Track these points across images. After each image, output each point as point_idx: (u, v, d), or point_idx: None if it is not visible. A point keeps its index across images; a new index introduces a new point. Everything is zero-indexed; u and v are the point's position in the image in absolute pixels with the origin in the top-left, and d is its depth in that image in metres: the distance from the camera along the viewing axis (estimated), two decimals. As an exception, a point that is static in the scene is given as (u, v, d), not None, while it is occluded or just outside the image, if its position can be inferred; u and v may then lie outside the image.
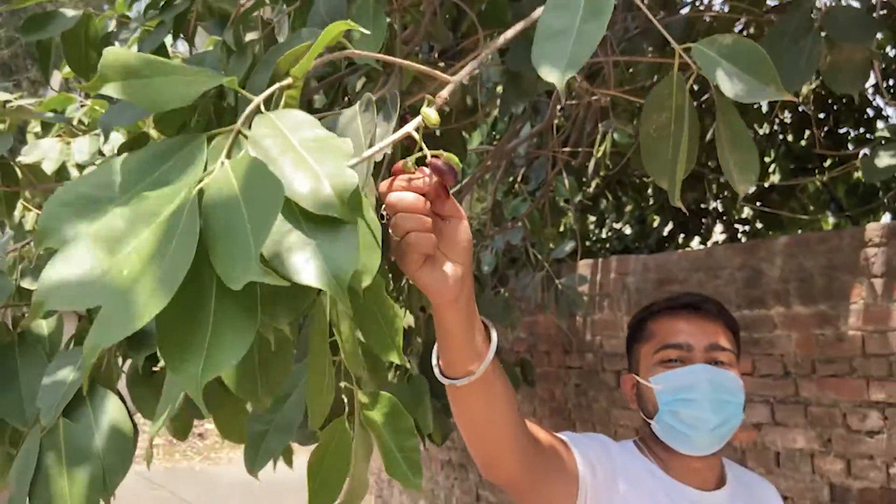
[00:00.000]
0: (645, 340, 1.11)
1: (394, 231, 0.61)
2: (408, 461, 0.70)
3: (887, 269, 2.18)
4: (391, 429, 0.71)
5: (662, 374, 1.05)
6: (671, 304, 1.11)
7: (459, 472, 4.08)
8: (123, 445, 0.89)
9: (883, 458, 2.17)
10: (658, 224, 5.56)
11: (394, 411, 0.72)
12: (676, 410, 1.03)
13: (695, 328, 1.06)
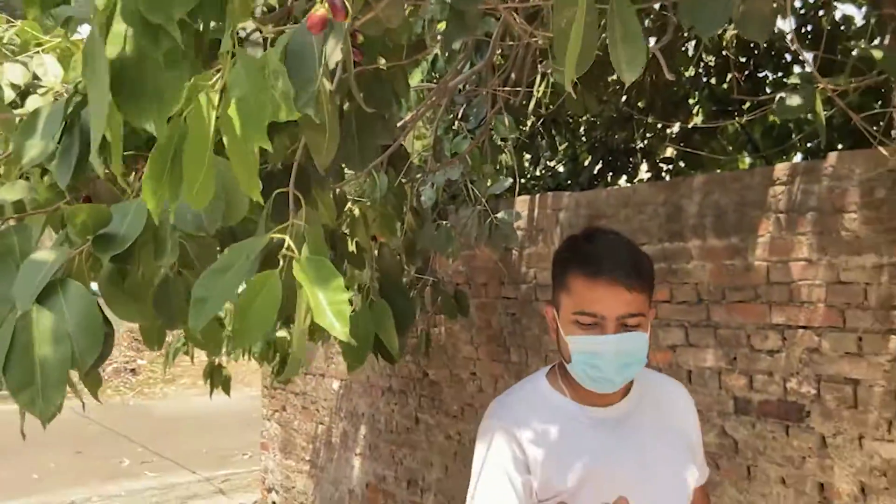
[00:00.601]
0: (565, 293, 1.20)
1: None
2: (336, 313, 0.80)
3: (791, 205, 2.42)
4: (323, 285, 0.81)
5: (576, 336, 1.17)
6: (594, 269, 1.16)
7: (399, 398, 4.28)
8: (94, 330, 0.97)
9: (781, 374, 2.45)
10: (589, 163, 5.77)
11: (326, 273, 0.82)
12: (585, 369, 1.18)
13: (611, 299, 1.15)
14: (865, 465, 2.23)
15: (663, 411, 1.29)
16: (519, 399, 1.26)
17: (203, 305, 0.89)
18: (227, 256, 0.93)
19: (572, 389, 1.23)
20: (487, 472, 1.19)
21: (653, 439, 1.24)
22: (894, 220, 2.17)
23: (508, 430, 1.20)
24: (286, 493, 5.47)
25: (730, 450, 2.59)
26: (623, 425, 1.23)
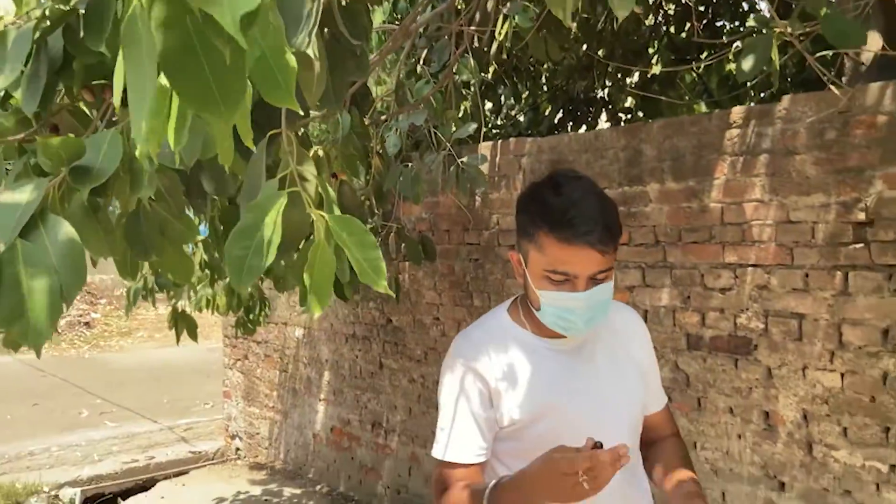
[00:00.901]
0: (535, 249, 1.20)
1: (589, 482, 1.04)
2: (374, 268, 0.84)
3: (746, 148, 2.50)
4: (360, 245, 0.85)
5: (548, 291, 1.20)
6: (568, 235, 1.15)
7: (363, 344, 4.34)
8: (77, 263, 0.98)
9: (731, 310, 2.57)
10: (550, 112, 5.79)
11: (358, 231, 0.85)
12: (555, 320, 1.22)
13: (585, 262, 1.16)
14: (808, 393, 2.38)
15: (618, 339, 1.34)
16: (480, 334, 1.30)
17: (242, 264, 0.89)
18: (251, 215, 0.93)
19: (533, 324, 1.28)
20: (453, 409, 1.24)
21: (607, 367, 1.30)
22: (843, 160, 2.27)
23: (471, 366, 1.25)
24: (250, 440, 5.53)
25: (682, 383, 2.72)
26: (580, 355, 1.29)
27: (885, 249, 2.19)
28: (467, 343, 1.30)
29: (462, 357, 1.27)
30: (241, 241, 0.84)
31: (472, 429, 1.23)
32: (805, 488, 2.40)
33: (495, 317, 1.34)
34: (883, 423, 2.22)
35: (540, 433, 1.22)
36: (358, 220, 0.84)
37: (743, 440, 2.56)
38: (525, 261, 1.24)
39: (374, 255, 0.84)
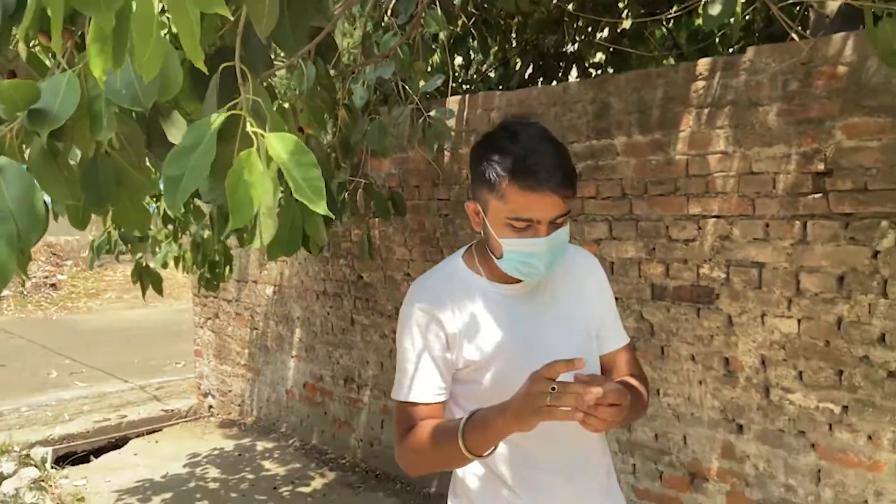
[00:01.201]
0: (496, 198, 1.21)
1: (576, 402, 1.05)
2: (311, 188, 0.83)
3: (712, 100, 2.52)
4: (295, 162, 0.84)
5: (510, 238, 1.22)
6: (530, 183, 1.17)
7: (334, 301, 4.35)
8: (35, 209, 0.97)
9: (694, 261, 2.63)
10: (520, 67, 5.75)
11: (297, 149, 0.84)
12: (517, 266, 1.24)
13: (547, 207, 1.18)
14: (766, 339, 2.46)
15: (571, 282, 1.36)
16: (435, 281, 1.33)
17: (177, 184, 0.88)
18: (192, 134, 0.93)
19: (488, 270, 1.31)
20: (412, 352, 1.28)
21: (560, 311, 1.32)
22: (805, 111, 2.30)
23: (427, 310, 1.28)
24: (223, 397, 5.55)
25: (646, 333, 2.79)
26: (533, 300, 1.31)
27: (843, 199, 2.25)
28: (422, 289, 1.32)
29: (418, 302, 1.29)
30: (178, 162, 0.84)
31: (433, 369, 1.27)
32: (762, 430, 2.50)
33: (450, 264, 1.36)
34: (836, 367, 2.31)
35: (494, 375, 1.27)
36: (295, 137, 0.83)
37: (704, 386, 2.64)
38: (485, 210, 1.25)
39: (314, 175, 0.82)
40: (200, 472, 4.32)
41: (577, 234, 2.97)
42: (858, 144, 2.21)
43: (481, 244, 1.33)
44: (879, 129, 2.16)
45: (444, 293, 1.30)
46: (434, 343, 1.27)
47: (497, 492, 1.31)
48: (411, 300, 1.31)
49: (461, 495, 1.36)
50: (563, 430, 1.19)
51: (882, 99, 2.15)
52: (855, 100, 2.20)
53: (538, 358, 1.21)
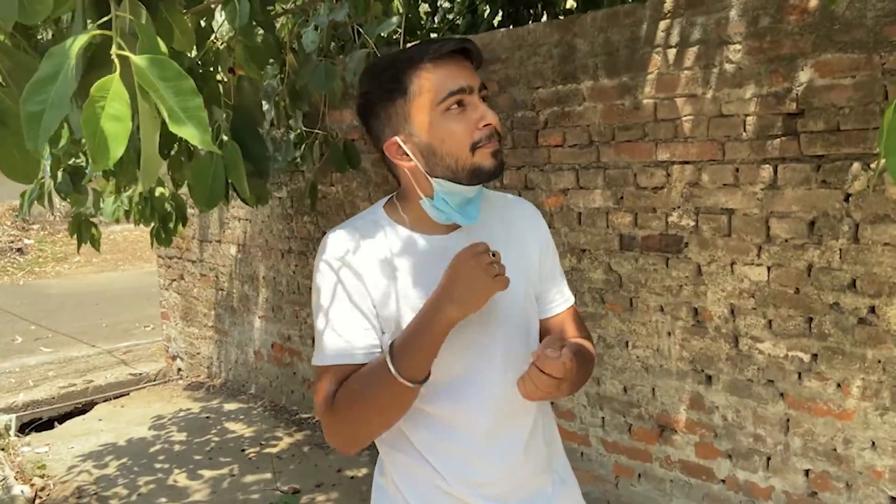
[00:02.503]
0: (416, 94, 1.07)
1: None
2: (193, 119, 0.70)
3: (681, 38, 2.40)
4: (172, 90, 0.71)
5: (444, 184, 1.08)
6: (437, 52, 1.07)
7: (299, 259, 4.23)
8: None
9: (663, 209, 2.54)
10: (489, 14, 5.55)
11: (173, 74, 0.70)
12: (448, 209, 1.10)
13: (465, 71, 1.08)
14: (735, 288, 2.39)
15: (510, 235, 1.21)
16: (352, 231, 1.14)
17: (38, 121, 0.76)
18: (50, 62, 0.79)
19: (413, 219, 1.14)
20: (333, 309, 1.09)
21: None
22: (776, 48, 2.19)
23: (346, 261, 1.11)
24: (191, 360, 5.44)
25: (615, 284, 2.71)
26: (457, 250, 1.11)
27: (814, 140, 2.16)
28: (338, 239, 1.13)
29: (335, 253, 1.12)
30: (36, 95, 0.71)
31: (359, 324, 1.09)
32: (730, 380, 2.45)
33: (370, 213, 1.18)
34: (806, 314, 2.25)
35: None
36: (174, 63, 0.70)
37: (672, 337, 2.58)
38: (407, 126, 1.09)
39: (194, 104, 0.69)
40: (165, 435, 4.24)
41: (544, 185, 2.87)
42: (831, 82, 2.11)
43: (403, 194, 1.17)
44: (853, 65, 2.06)
45: (360, 243, 1.12)
46: (356, 295, 1.10)
47: (421, 471, 1.15)
48: (325, 251, 1.13)
49: (386, 474, 1.22)
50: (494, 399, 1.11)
51: (856, 34, 2.04)
52: (828, 35, 2.09)
53: (479, 319, 1.09)
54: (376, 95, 1.11)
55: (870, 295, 2.11)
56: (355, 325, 1.10)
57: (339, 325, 1.09)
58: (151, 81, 0.68)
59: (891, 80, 1.98)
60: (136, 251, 11.76)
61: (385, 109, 1.10)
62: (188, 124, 0.68)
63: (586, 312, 2.81)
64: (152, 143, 0.73)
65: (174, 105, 0.68)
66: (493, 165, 1.10)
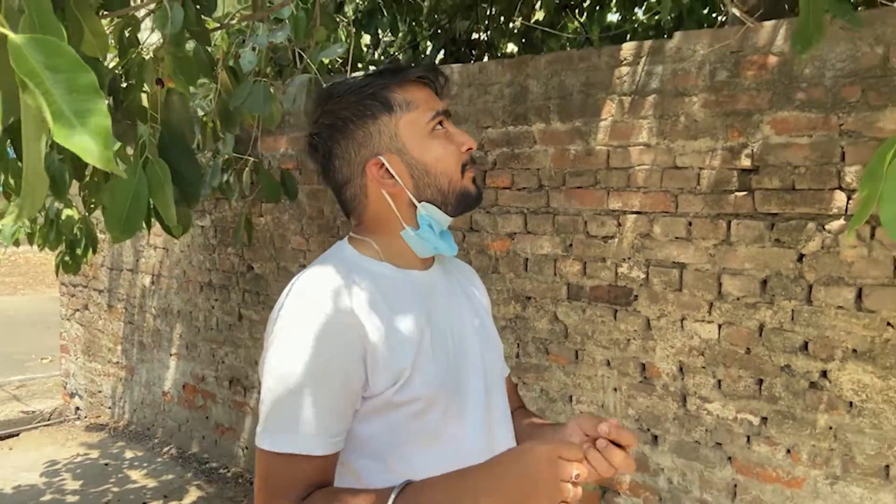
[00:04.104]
0: (403, 110, 0.97)
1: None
2: (90, 127, 0.48)
3: (637, 87, 2.34)
4: (64, 84, 0.51)
5: (430, 209, 0.98)
6: (420, 72, 1.00)
7: (221, 294, 3.94)
8: None
9: (613, 259, 2.45)
10: (430, 50, 5.50)
11: (68, 63, 0.50)
12: (431, 236, 0.99)
13: (437, 97, 1.02)
14: (685, 345, 2.31)
15: (464, 279, 1.14)
16: (335, 272, 0.94)
17: None
18: None
19: (392, 254, 1.00)
20: (305, 382, 0.87)
21: (466, 303, 1.08)
22: (733, 103, 2.16)
23: (344, 315, 0.89)
24: (91, 398, 4.98)
25: (560, 335, 2.59)
26: (439, 289, 1.04)
27: (769, 198, 2.12)
28: (324, 283, 0.92)
29: (324, 302, 0.89)
30: None
31: (334, 405, 0.89)
32: (677, 441, 2.35)
33: (338, 252, 1.01)
34: (756, 375, 2.18)
35: (422, 392, 0.92)
36: (68, 47, 0.50)
37: (618, 393, 2.47)
38: (396, 145, 0.97)
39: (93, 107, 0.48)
40: (58, 484, 3.80)
41: (490, 227, 2.74)
42: (787, 140, 2.08)
43: (373, 227, 1.01)
44: (810, 124, 2.04)
45: (350, 287, 0.92)
46: (348, 364, 0.89)
47: None
48: (311, 298, 0.90)
49: None
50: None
51: (813, 92, 2.03)
52: (785, 93, 2.07)
53: (471, 361, 1.00)
54: (353, 113, 0.98)
55: (822, 359, 2.06)
56: (331, 406, 0.88)
57: (312, 401, 0.87)
58: (33, 69, 0.48)
59: (849, 142, 1.97)
60: (39, 275, 10.97)
61: (364, 128, 0.98)
62: (81, 133, 0.48)
63: (529, 363, 2.67)
64: (36, 154, 0.53)
65: (64, 105, 0.48)
66: (476, 192, 1.03)
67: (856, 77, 1.95)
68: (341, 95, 0.99)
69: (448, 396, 0.95)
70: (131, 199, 1.16)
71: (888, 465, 1.97)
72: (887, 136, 1.89)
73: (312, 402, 0.87)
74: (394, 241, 1.00)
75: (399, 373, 0.91)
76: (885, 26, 1.90)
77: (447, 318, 1.01)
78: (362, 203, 1.00)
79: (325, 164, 1.02)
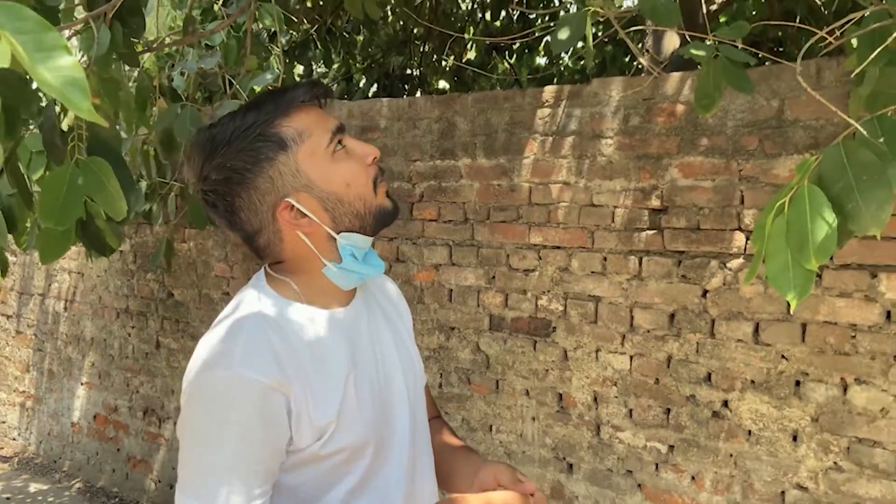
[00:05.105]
0: (297, 143, 0.92)
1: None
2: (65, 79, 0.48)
3: (556, 128, 2.46)
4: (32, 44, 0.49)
5: (350, 237, 0.95)
6: (306, 96, 0.94)
7: (138, 321, 3.82)
8: None
9: (533, 291, 2.53)
10: (364, 84, 5.58)
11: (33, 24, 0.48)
12: (356, 265, 0.97)
13: (326, 114, 0.98)
14: (599, 375, 2.40)
15: (391, 305, 1.13)
16: (254, 325, 0.89)
17: None
18: None
19: (312, 293, 0.96)
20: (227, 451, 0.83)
21: (388, 331, 1.06)
22: (644, 147, 2.30)
23: (266, 382, 0.84)
24: (-8, 431, 4.70)
25: (482, 365, 2.65)
26: (362, 324, 1.01)
27: (676, 236, 2.26)
28: (240, 345, 0.86)
29: (247, 369, 0.85)
30: None
31: (256, 468, 0.85)
32: (591, 469, 2.43)
33: (259, 300, 0.94)
34: (664, 405, 2.29)
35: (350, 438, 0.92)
36: (30, 11, 0.51)
37: (537, 422, 2.54)
38: (300, 182, 0.92)
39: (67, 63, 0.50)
40: (-51, 524, 3.56)
41: (416, 258, 2.79)
42: (693, 183, 2.23)
43: (292, 267, 0.97)
44: (713, 169, 2.19)
45: (277, 344, 0.88)
46: (271, 428, 0.86)
47: None
48: (230, 362, 0.85)
49: None
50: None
51: (716, 140, 2.18)
52: (691, 139, 2.23)
53: (396, 391, 1.00)
54: (246, 161, 0.90)
55: (723, 389, 2.19)
56: (256, 470, 0.86)
57: (243, 467, 0.85)
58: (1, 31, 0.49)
59: (747, 186, 2.13)
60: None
61: (263, 174, 0.91)
62: (61, 89, 0.49)
63: (452, 393, 2.72)
64: None
65: (40, 64, 0.49)
66: (393, 206, 0.99)
67: (754, 127, 2.12)
68: (227, 143, 0.91)
69: (375, 442, 0.94)
70: (66, 188, 1.12)
71: (784, 492, 2.10)
72: (782, 182, 2.06)
73: (233, 466, 0.84)
74: (314, 279, 0.97)
75: (324, 428, 0.89)
76: (780, 82, 2.08)
77: (371, 354, 0.99)
78: (278, 248, 0.96)
79: (229, 219, 0.95)
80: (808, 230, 1.00)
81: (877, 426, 1.96)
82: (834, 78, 1.97)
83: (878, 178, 0.98)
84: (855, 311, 1.98)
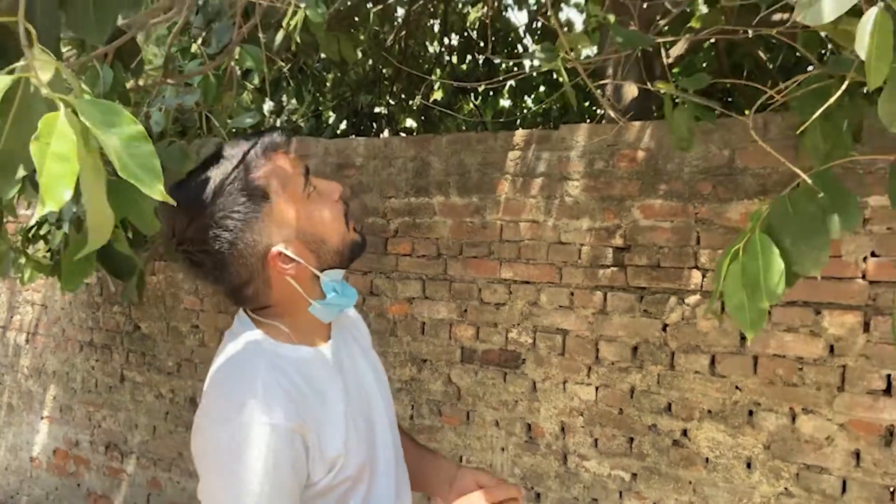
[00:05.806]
0: (277, 192, 0.95)
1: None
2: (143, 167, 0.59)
3: (526, 169, 2.60)
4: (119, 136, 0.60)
5: (331, 273, 1.00)
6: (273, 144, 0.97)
7: (102, 354, 3.79)
8: None
9: (504, 325, 2.64)
10: (334, 120, 5.69)
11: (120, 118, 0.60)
12: (337, 298, 1.02)
13: (290, 156, 1.00)
14: (567, 406, 2.51)
15: (350, 325, 1.18)
16: (265, 369, 0.93)
17: None
18: None
19: (301, 333, 1.01)
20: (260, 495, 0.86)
21: (361, 356, 1.13)
22: (608, 189, 2.45)
23: (291, 426, 0.89)
24: (-59, 467, 4.54)
25: (453, 397, 2.73)
26: (344, 358, 1.07)
27: (639, 273, 2.40)
28: (257, 390, 0.89)
29: (270, 415, 0.88)
30: None
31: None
32: (558, 498, 2.52)
33: (257, 344, 0.97)
34: (628, 434, 2.40)
35: (352, 467, 0.98)
36: (113, 104, 0.62)
37: (506, 452, 2.62)
38: (285, 229, 0.95)
39: (145, 150, 0.61)
40: None
41: (390, 292, 2.87)
42: (653, 224, 2.38)
43: (279, 310, 1.01)
44: (671, 211, 2.35)
45: (286, 385, 0.92)
46: (296, 468, 0.90)
47: None
48: (252, 409, 0.87)
49: None
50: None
51: (674, 185, 2.35)
52: (652, 183, 2.38)
53: (378, 419, 1.06)
54: (234, 217, 0.92)
55: (682, 418, 2.31)
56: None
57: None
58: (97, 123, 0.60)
59: (703, 228, 2.28)
60: None
61: (251, 228, 0.93)
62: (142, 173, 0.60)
63: (423, 425, 2.78)
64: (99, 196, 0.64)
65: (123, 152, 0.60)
66: (362, 240, 1.05)
67: (708, 174, 2.28)
68: (212, 201, 0.92)
69: (370, 464, 1.01)
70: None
71: (739, 515, 2.21)
72: (734, 225, 2.22)
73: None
74: (300, 318, 1.00)
75: (335, 460, 0.94)
76: (731, 133, 2.26)
77: (357, 386, 1.05)
78: (266, 294, 0.98)
79: (216, 275, 0.97)
80: (761, 275, 1.13)
81: (823, 453, 2.10)
82: (779, 131, 2.16)
83: (818, 227, 1.12)
84: (801, 345, 2.13)
